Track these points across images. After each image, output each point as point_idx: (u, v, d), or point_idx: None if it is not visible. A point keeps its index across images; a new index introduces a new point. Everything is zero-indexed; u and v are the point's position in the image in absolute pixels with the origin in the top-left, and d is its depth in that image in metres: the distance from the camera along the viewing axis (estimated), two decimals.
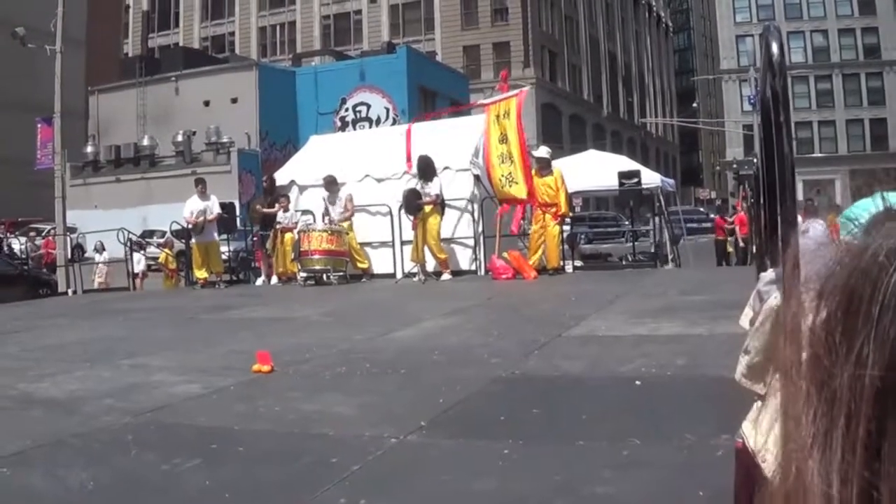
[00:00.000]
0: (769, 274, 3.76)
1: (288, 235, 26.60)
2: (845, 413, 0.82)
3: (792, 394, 0.91)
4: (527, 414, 8.92)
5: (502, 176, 24.49)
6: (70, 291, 32.65)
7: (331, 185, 26.38)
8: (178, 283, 32.38)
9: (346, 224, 25.95)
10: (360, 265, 26.32)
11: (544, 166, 25.04)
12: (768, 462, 2.78)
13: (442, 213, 24.85)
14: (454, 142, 26.59)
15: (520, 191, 24.15)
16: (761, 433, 3.18)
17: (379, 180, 27.04)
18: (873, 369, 0.80)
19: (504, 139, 24.67)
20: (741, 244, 35.56)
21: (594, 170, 32.19)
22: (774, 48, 4.16)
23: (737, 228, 36.40)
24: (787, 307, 0.95)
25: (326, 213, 26.33)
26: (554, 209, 24.35)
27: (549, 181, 24.55)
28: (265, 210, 27.39)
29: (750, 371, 3.43)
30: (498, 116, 25.09)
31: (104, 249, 37.58)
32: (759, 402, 3.38)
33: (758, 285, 3.77)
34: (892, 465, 0.78)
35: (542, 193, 24.33)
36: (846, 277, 0.86)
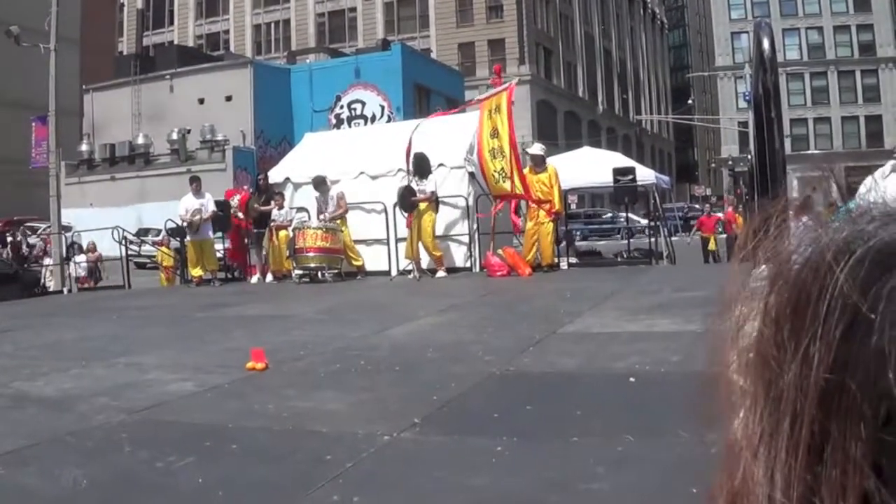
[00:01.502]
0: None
1: (282, 233, 26.59)
2: (790, 413, 0.81)
3: (742, 391, 0.90)
4: (521, 411, 8.92)
5: (495, 171, 24.47)
6: (65, 290, 32.66)
7: (320, 185, 26.36)
8: (173, 281, 32.38)
9: (339, 221, 25.93)
10: (354, 263, 26.29)
11: (538, 163, 25.03)
12: None
13: (437, 211, 24.85)
14: (449, 139, 26.57)
15: (514, 186, 24.12)
16: None
17: (374, 177, 27.03)
18: (818, 370, 0.80)
19: (495, 134, 24.64)
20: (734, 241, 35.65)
21: (589, 167, 32.12)
22: (766, 45, 4.17)
23: (733, 226, 36.43)
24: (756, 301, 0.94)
25: (321, 210, 26.29)
26: (548, 206, 24.33)
27: (544, 178, 24.53)
28: (261, 208, 27.35)
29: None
30: (490, 112, 25.06)
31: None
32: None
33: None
34: (834, 469, 0.77)
35: (536, 190, 24.29)
36: (797, 273, 0.85)
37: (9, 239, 41.39)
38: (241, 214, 28.30)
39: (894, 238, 0.82)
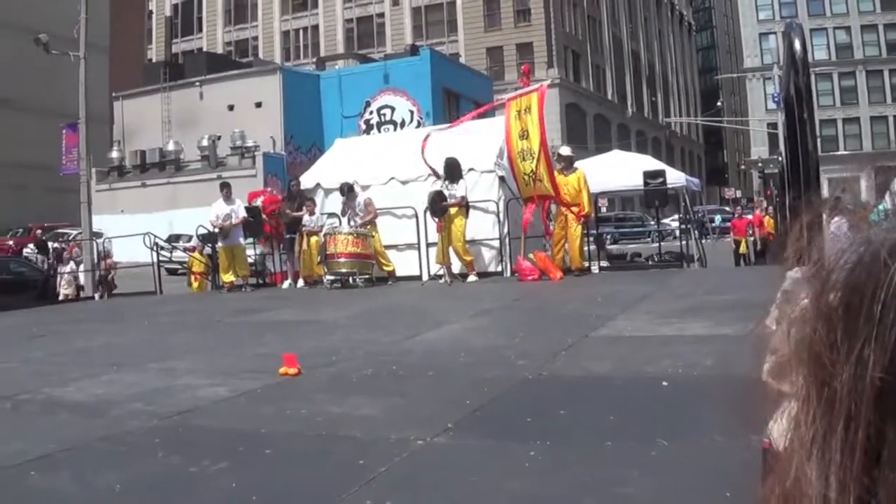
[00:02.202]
0: (796, 272, 3.71)
1: (314, 238, 26.63)
2: (845, 415, 0.80)
3: (794, 392, 0.89)
4: (554, 415, 8.91)
5: (525, 173, 24.40)
6: (97, 296, 32.78)
7: (348, 192, 26.42)
8: (203, 287, 32.44)
9: (369, 227, 25.95)
10: (385, 268, 26.31)
11: (567, 165, 24.95)
12: None
13: (467, 215, 24.82)
14: (478, 143, 26.57)
15: (544, 188, 24.04)
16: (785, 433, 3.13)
17: (404, 182, 27.06)
18: (874, 371, 0.78)
19: (525, 135, 24.49)
20: (765, 243, 35.54)
21: (619, 170, 32.05)
22: (797, 45, 4.14)
23: (756, 229, 36.40)
24: (791, 303, 0.92)
25: (350, 217, 26.29)
26: (576, 209, 24.24)
27: (572, 180, 24.45)
28: (294, 213, 27.41)
29: (776, 370, 3.39)
30: (519, 112, 24.91)
31: (71, 259, 37.42)
32: (787, 402, 3.34)
33: (784, 284, 3.72)
34: (892, 472, 0.76)
35: (564, 193, 24.22)
36: (849, 272, 0.84)
37: (52, 245, 41.39)
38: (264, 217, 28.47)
39: None
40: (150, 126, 67.05)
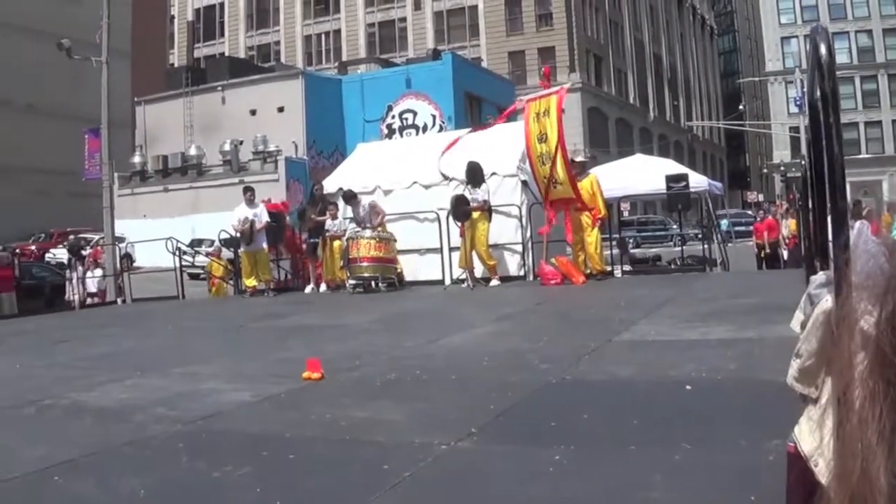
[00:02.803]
0: (820, 277, 3.71)
1: (336, 243, 26.68)
2: None
3: (853, 392, 0.88)
4: (578, 419, 8.88)
5: (544, 177, 24.35)
6: (119, 301, 32.83)
7: (350, 199, 26.52)
8: (226, 292, 32.44)
9: (381, 228, 25.99)
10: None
11: (579, 171, 24.92)
12: (821, 466, 2.76)
13: (490, 219, 24.82)
14: (501, 147, 26.58)
15: (565, 191, 23.99)
16: (814, 437, 3.14)
17: (426, 187, 27.10)
18: None
19: (543, 138, 24.43)
20: (775, 248, 35.41)
21: (641, 174, 32.01)
22: (823, 49, 4.13)
23: (765, 233, 36.28)
24: (841, 307, 0.92)
25: (359, 223, 26.32)
26: (593, 212, 24.20)
27: (585, 184, 24.43)
28: (317, 218, 27.45)
29: (802, 374, 3.38)
30: (538, 114, 24.82)
31: (81, 265, 37.43)
32: (812, 406, 3.35)
33: (808, 288, 3.72)
34: None
35: None
36: None
37: (88, 250, 41.35)
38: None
39: None
40: (172, 131, 67.13)
